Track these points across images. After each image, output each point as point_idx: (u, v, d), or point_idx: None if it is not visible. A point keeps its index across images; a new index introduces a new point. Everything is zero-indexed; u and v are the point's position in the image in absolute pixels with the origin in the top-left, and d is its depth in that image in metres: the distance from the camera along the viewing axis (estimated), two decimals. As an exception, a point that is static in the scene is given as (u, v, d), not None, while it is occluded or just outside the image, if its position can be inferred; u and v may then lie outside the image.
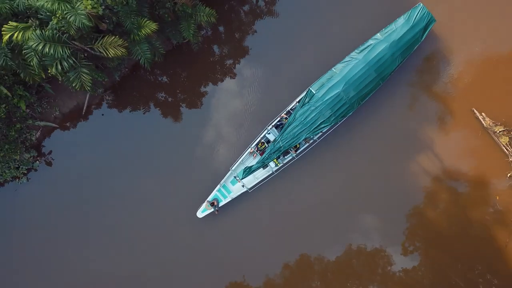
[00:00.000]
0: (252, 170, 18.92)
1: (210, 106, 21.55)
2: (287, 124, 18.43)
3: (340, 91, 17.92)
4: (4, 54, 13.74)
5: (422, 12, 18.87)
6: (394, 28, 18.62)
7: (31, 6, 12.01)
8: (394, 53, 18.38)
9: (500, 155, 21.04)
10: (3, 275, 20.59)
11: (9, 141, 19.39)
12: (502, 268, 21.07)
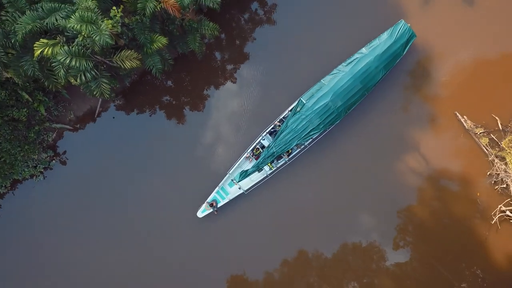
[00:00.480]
0: (248, 173, 20.95)
1: (210, 111, 23.62)
2: (280, 131, 20.39)
3: (328, 101, 19.93)
4: (33, 65, 15.80)
5: (404, 28, 20.84)
6: (378, 43, 20.61)
7: (59, 25, 14.01)
8: (378, 66, 20.37)
9: (481, 154, 23.12)
10: (22, 265, 22.57)
11: (28, 142, 21.41)
12: (483, 259, 23.11)
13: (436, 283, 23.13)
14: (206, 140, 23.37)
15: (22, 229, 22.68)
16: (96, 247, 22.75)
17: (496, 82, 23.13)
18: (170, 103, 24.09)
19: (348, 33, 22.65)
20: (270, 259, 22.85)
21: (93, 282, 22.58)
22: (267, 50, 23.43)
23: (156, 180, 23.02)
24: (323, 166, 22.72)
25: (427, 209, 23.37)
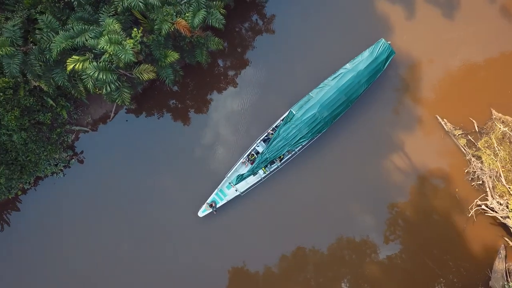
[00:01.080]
0: (244, 177, 23.77)
1: (211, 116, 26.64)
2: (273, 139, 23.29)
3: (315, 112, 22.83)
4: (63, 77, 18.59)
5: (384, 46, 23.69)
6: (360, 59, 23.46)
7: (89, 44, 16.82)
8: (360, 80, 23.24)
9: (459, 154, 26.03)
10: (44, 252, 25.43)
11: (51, 142, 24.27)
12: (462, 248, 26.00)
13: (422, 272, 25.90)
14: (207, 144, 26.28)
15: (42, 221, 25.49)
16: (105, 241, 25.56)
17: (472, 89, 26.08)
18: (176, 107, 26.98)
19: (335, 49, 25.70)
20: (267, 255, 25.56)
21: (101, 270, 25.35)
22: (265, 60, 26.44)
23: (161, 181, 25.92)
24: (313, 169, 25.65)
25: (413, 204, 26.23)
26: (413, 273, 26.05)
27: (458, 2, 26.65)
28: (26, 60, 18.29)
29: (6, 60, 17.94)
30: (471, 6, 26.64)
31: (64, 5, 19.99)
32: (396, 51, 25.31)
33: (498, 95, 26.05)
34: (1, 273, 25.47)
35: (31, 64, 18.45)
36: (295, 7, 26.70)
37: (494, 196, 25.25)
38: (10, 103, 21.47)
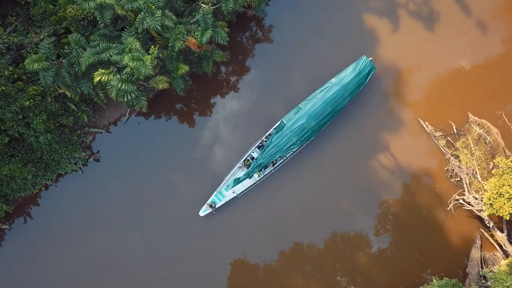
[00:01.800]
0: (241, 180, 27.25)
1: (212, 122, 30.10)
2: (266, 146, 26.74)
3: (304, 122, 26.29)
4: (89, 87, 21.97)
5: (365, 62, 27.07)
6: (344, 74, 26.87)
7: (114, 60, 20.18)
8: (344, 93, 26.74)
9: (439, 153, 29.41)
10: (66, 244, 28.77)
11: (71, 143, 27.66)
12: (442, 238, 29.31)
13: (408, 262, 29.21)
14: (208, 147, 29.75)
15: (63, 215, 28.86)
16: (118, 232, 28.91)
17: (451, 95, 29.56)
18: (182, 110, 30.42)
19: (322, 65, 29.29)
20: (263, 250, 28.89)
21: (114, 258, 28.63)
22: (262, 67, 29.99)
23: (166, 182, 29.36)
24: (304, 172, 29.10)
25: (399, 200, 29.67)
26: (400, 263, 29.36)
27: (437, 17, 30.19)
28: (58, 72, 21.64)
29: (42, 72, 21.36)
30: (449, 20, 30.18)
31: (87, 23, 23.38)
32: (381, 63, 28.87)
33: (474, 100, 29.51)
34: (25, 260, 28.73)
35: (62, 75, 21.87)
36: (289, 24, 30.30)
37: (470, 192, 28.63)
38: (38, 108, 24.87)
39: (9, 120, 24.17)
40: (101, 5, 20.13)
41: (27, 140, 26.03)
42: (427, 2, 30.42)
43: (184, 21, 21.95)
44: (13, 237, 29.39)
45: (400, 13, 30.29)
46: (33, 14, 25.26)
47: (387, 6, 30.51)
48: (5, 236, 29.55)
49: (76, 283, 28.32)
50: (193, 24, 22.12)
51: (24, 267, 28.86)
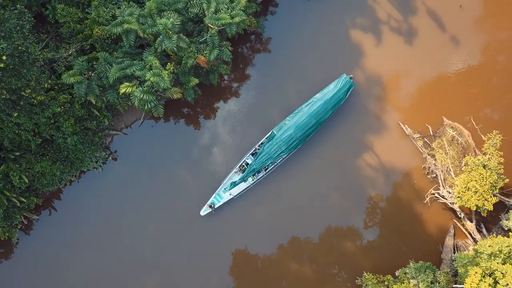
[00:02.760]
0: (237, 183, 32.34)
1: (213, 128, 34.97)
2: (259, 153, 31.79)
3: (291, 132, 31.29)
4: (114, 96, 26.73)
5: (346, 80, 32.03)
6: (327, 90, 31.86)
7: (137, 75, 24.92)
8: (326, 107, 31.77)
9: (417, 153, 34.28)
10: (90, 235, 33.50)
11: (93, 143, 32.46)
12: (420, 228, 34.00)
13: (392, 250, 34.00)
14: (208, 150, 34.65)
15: (86, 207, 33.61)
16: (131, 225, 33.70)
17: (428, 101, 34.61)
18: (189, 114, 35.12)
19: (309, 82, 34.41)
20: (260, 244, 33.61)
21: (127, 247, 33.38)
22: (260, 78, 34.82)
23: (172, 183, 34.06)
24: (294, 175, 33.96)
25: (384, 195, 34.64)
26: (385, 251, 34.26)
27: (414, 33, 35.28)
28: (89, 85, 26.40)
29: (77, 85, 26.22)
30: (425, 37, 35.19)
31: (111, 41, 28.14)
32: (366, 74, 33.94)
33: (448, 106, 34.47)
34: (52, 248, 33.43)
35: (92, 87, 26.66)
36: (283, 41, 35.56)
37: (445, 186, 33.49)
38: (67, 113, 29.70)
39: (43, 124, 28.99)
40: (127, 30, 24.89)
41: (56, 141, 30.87)
42: (404, 21, 35.45)
43: (194, 41, 26.87)
44: (40, 227, 34.11)
45: (379, 31, 35.43)
46: (62, 32, 30.03)
47: (368, 27, 35.62)
48: (33, 226, 34.27)
49: (89, 266, 32.96)
50: (202, 43, 27.01)
51: (49, 252, 33.57)
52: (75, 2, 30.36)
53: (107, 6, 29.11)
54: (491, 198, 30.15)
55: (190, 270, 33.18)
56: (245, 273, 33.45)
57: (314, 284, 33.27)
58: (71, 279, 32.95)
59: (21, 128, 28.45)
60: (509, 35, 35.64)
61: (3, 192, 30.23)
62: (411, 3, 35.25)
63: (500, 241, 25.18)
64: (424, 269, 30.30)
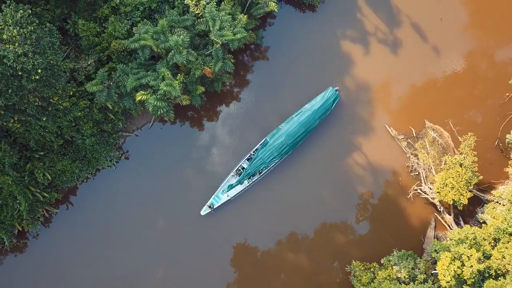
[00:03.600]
0: (233, 186, 36.98)
1: (216, 128, 39.37)
2: (253, 159, 36.42)
3: (283, 140, 35.90)
4: (130, 103, 31.08)
5: (331, 92, 36.66)
6: (315, 102, 36.54)
7: (152, 85, 29.26)
8: (314, 117, 36.42)
9: (402, 153, 38.68)
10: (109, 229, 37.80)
11: (108, 144, 36.80)
12: (405, 222, 38.51)
13: (380, 241, 38.39)
14: (208, 152, 39.10)
15: (103, 202, 37.94)
16: (141, 218, 38.09)
17: (411, 105, 39.18)
18: (193, 117, 39.40)
19: (298, 94, 39.07)
20: (256, 239, 38.19)
21: (137, 239, 37.74)
22: (258, 85, 39.26)
23: (175, 183, 38.44)
24: (285, 177, 38.65)
25: (372, 191, 39.28)
26: (373, 242, 38.70)
27: (399, 45, 39.73)
28: (109, 93, 30.71)
29: (98, 93, 30.63)
30: (408, 47, 39.65)
31: (127, 53, 32.47)
32: (356, 82, 38.23)
33: (430, 110, 38.97)
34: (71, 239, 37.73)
35: (111, 95, 30.98)
36: (279, 54, 40.29)
37: (426, 183, 37.89)
38: (86, 117, 33.96)
39: (65, 127, 33.33)
40: (143, 46, 29.22)
41: (76, 142, 35.21)
42: (390, 33, 40.08)
43: (201, 53, 31.26)
44: (59, 220, 38.39)
45: (367, 42, 40.30)
46: (81, 44, 34.31)
47: (357, 38, 40.52)
48: (52, 219, 38.53)
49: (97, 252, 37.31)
50: (208, 56, 31.39)
51: (66, 242, 37.87)
52: (93, 17, 34.70)
53: (122, 22, 33.47)
54: (466, 193, 34.58)
55: (193, 262, 37.65)
56: (245, 265, 37.92)
57: (310, 273, 37.64)
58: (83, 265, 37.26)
59: (46, 131, 32.77)
60: (489, 45, 40.11)
61: (28, 188, 34.57)
62: (396, 16, 39.76)
63: (466, 230, 29.56)
64: (406, 257, 34.73)
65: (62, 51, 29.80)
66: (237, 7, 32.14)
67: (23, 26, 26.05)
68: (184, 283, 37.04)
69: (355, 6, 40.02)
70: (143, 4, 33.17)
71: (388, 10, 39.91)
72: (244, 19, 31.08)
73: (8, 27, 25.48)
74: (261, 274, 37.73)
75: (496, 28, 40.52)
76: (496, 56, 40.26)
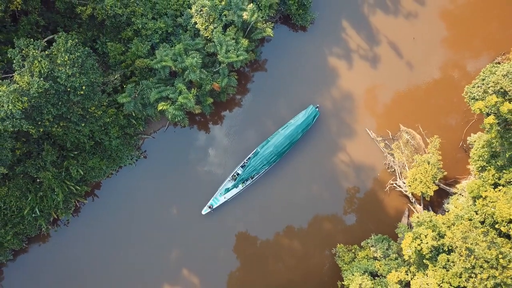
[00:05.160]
0: (230, 189, 46.08)
1: (219, 133, 47.60)
2: (247, 166, 45.51)
3: (271, 150, 44.89)
4: (152, 111, 39.49)
5: (312, 109, 45.71)
6: (299, 117, 45.76)
7: (171, 97, 37.68)
8: (298, 130, 45.51)
9: (380, 153, 47.19)
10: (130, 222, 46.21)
11: (130, 145, 45.23)
12: (383, 212, 47.03)
13: (362, 229, 46.84)
14: (208, 154, 47.58)
15: (125, 195, 46.37)
16: (152, 213, 46.78)
17: (388, 112, 47.74)
18: (200, 121, 47.77)
19: (285, 111, 47.92)
20: (253, 235, 47.25)
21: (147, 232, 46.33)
22: (257, 95, 47.60)
23: (183, 181, 47.11)
24: (272, 181, 47.54)
25: (355, 186, 47.78)
26: (356, 229, 47.24)
27: (376, 61, 48.26)
28: (135, 103, 39.12)
29: (127, 104, 39.13)
30: (385, 62, 48.58)
31: (148, 70, 40.85)
32: (339, 93, 46.87)
33: (404, 116, 47.56)
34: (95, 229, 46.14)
35: (137, 105, 39.39)
36: (274, 71, 48.87)
37: (401, 178, 46.33)
38: (113, 122, 42.30)
39: (96, 131, 41.69)
40: (164, 66, 37.66)
41: (103, 143, 43.56)
42: (370, 50, 48.67)
43: (210, 71, 39.65)
44: (86, 209, 46.82)
45: (350, 58, 48.96)
46: (109, 61, 42.65)
47: (342, 55, 48.98)
48: (81, 209, 46.91)
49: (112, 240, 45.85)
50: (215, 73, 39.83)
51: (92, 228, 46.33)
52: (118, 38, 43.04)
53: (143, 43, 41.88)
54: (432, 186, 43.05)
55: (196, 254, 46.35)
56: (245, 254, 46.42)
57: (303, 257, 46.34)
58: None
59: (80, 134, 41.18)
60: (454, 59, 48.53)
61: (64, 182, 42.97)
62: (376, 36, 48.55)
63: (424, 214, 38.03)
64: (382, 240, 43.25)
65: (100, 71, 38.08)
66: (240, 33, 40.66)
67: (72, 52, 34.42)
68: (193, 264, 45.69)
69: (340, 27, 48.73)
70: (161, 29, 41.68)
71: (369, 30, 48.66)
72: (245, 44, 39.58)
73: (61, 54, 33.81)
74: (260, 258, 46.25)
75: (461, 45, 49.18)
76: (461, 69, 48.90)
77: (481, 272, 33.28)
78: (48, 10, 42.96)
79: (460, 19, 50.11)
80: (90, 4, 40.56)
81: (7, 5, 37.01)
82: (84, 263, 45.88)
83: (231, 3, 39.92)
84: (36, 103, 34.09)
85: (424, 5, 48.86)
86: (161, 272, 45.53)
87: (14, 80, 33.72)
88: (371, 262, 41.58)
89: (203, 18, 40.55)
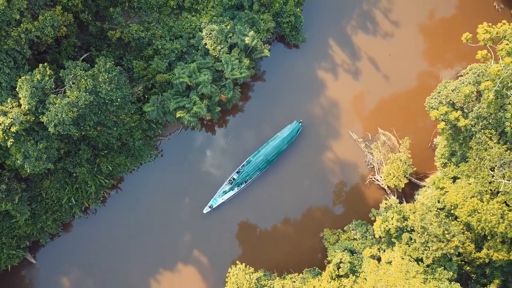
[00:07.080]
0: (227, 192, 58.34)
1: (220, 135, 58.64)
2: (241, 172, 57.93)
3: (262, 158, 57.24)
4: (171, 117, 50.70)
5: (296, 124, 58.27)
6: (284, 131, 58.10)
7: (187, 106, 48.92)
8: (283, 142, 57.65)
9: (361, 152, 58.80)
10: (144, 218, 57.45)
11: (149, 145, 56.55)
12: (363, 203, 58.26)
13: (346, 217, 58.41)
14: (209, 156, 58.53)
15: (144, 188, 57.66)
16: (162, 209, 57.96)
17: (368, 117, 59.42)
18: (208, 124, 58.98)
19: (274, 126, 59.25)
20: (250, 231, 58.11)
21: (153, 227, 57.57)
22: (257, 103, 58.77)
23: (184, 187, 58.20)
24: (264, 183, 58.67)
25: (341, 181, 59.12)
26: (341, 217, 58.64)
27: (358, 74, 59.93)
28: (158, 111, 50.30)
29: (151, 112, 50.50)
30: (365, 75, 60.35)
31: (167, 83, 52.10)
32: (326, 100, 58.24)
33: (382, 120, 59.27)
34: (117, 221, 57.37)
35: (159, 113, 50.56)
36: (269, 84, 59.60)
37: (378, 173, 57.70)
38: (137, 126, 53.55)
39: (123, 134, 52.87)
40: (181, 81, 48.90)
41: (128, 144, 54.78)
42: (352, 64, 60.16)
43: (218, 85, 50.90)
44: (111, 200, 58.05)
45: (335, 71, 59.86)
46: (132, 75, 53.79)
47: (328, 68, 59.94)
48: (108, 200, 58.10)
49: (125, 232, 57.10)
50: (222, 87, 51.10)
51: (116, 216, 57.57)
52: (140, 56, 54.20)
53: (162, 60, 53.02)
54: (403, 179, 54.22)
55: (196, 248, 57.68)
56: (245, 243, 57.74)
57: (297, 242, 57.76)
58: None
59: (111, 136, 52.37)
60: (421, 71, 59.69)
61: (96, 176, 54.23)
62: (357, 52, 60.20)
63: (391, 201, 49.14)
64: (361, 225, 54.76)
65: (130, 86, 49.37)
66: (242, 53, 51.94)
67: (110, 72, 45.66)
68: (200, 251, 57.09)
69: (327, 45, 60.51)
70: (177, 49, 53.00)
71: (352, 48, 60.45)
72: (247, 63, 50.99)
73: (101, 73, 44.96)
74: (260, 245, 57.50)
75: (433, 59, 60.25)
76: (433, 80, 59.95)
77: (432, 245, 44.43)
78: (82, 33, 54.35)
79: (434, 35, 61.40)
80: (119, 29, 51.91)
81: (55, 32, 48.19)
82: (105, 246, 57.50)
83: (235, 29, 51.07)
84: (82, 112, 45.32)
85: (398, 26, 60.53)
86: (173, 255, 57.12)
87: (65, 94, 44.96)
88: (351, 242, 52.86)
89: (212, 40, 51.80)
